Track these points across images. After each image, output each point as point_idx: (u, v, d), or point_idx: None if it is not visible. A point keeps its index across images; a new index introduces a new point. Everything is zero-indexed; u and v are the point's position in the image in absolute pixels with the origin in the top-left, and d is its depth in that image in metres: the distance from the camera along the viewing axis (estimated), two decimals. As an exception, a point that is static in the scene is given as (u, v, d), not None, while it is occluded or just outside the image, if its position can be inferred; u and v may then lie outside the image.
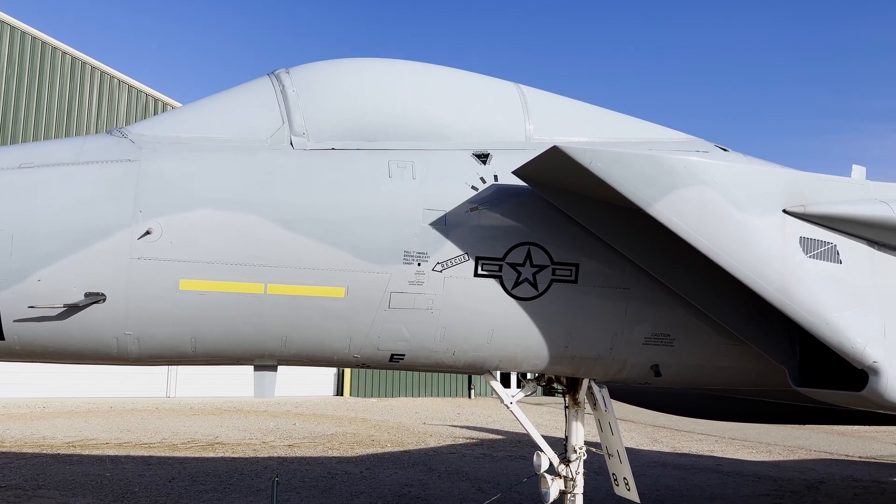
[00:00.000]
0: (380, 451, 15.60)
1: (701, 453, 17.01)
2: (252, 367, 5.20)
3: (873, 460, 16.57)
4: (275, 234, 4.57)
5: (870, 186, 5.48)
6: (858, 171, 6.40)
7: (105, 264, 4.30)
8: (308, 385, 31.31)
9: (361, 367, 5.43)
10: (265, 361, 5.06)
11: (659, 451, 17.10)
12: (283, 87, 5.05)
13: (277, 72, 5.21)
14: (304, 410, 25.19)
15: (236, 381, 26.01)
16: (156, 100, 30.17)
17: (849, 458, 16.79)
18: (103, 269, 4.29)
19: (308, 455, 14.68)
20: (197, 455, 14.36)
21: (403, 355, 5.12)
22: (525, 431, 5.83)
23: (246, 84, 5.24)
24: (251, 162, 4.69)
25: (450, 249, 4.94)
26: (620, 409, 12.13)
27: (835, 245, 5.10)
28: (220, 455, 14.44)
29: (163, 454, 14.30)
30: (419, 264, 4.87)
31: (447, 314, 5.02)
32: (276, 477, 7.70)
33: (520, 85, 5.80)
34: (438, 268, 4.92)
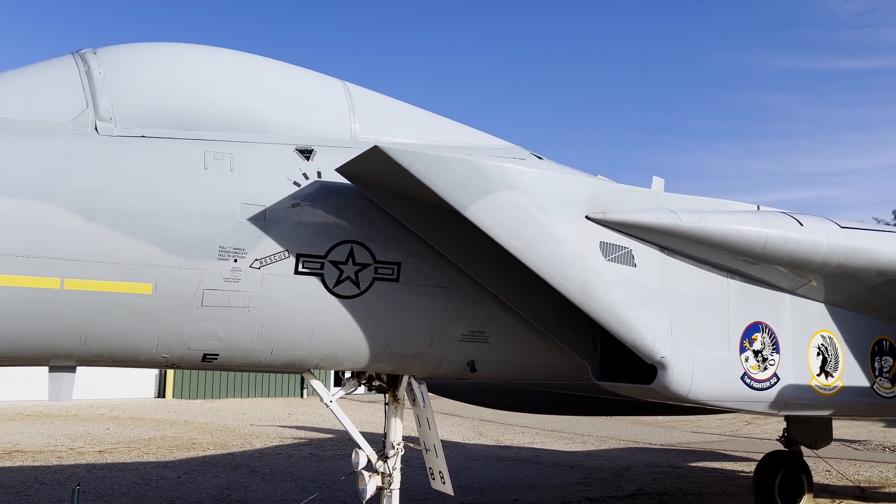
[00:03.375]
0: (201, 454, 14.95)
1: (522, 445, 17.83)
2: (47, 367, 4.82)
3: (672, 447, 18.17)
4: (74, 224, 4.26)
5: (662, 197, 6.02)
6: (658, 182, 6.99)
7: None
8: (126, 387, 29.37)
9: (172, 368, 5.21)
10: (62, 362, 4.72)
11: (483, 445, 17.73)
12: (89, 67, 4.73)
13: (83, 51, 4.87)
14: (120, 413, 23.61)
15: (43, 382, 23.86)
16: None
17: (652, 446, 18.29)
18: None
19: (120, 461, 13.79)
20: (-10, 465, 13.04)
21: (217, 355, 4.96)
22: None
23: (46, 62, 4.85)
24: (48, 147, 4.34)
25: (269, 246, 4.86)
26: (449, 404, 12.48)
27: (631, 250, 5.55)
28: (19, 464, 13.20)
29: (-52, 466, 12.85)
30: (235, 260, 4.74)
31: (265, 312, 4.93)
32: (78, 485, 7.17)
33: (347, 83, 5.80)
34: (256, 264, 4.82)
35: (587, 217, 5.35)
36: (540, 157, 6.32)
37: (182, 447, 15.94)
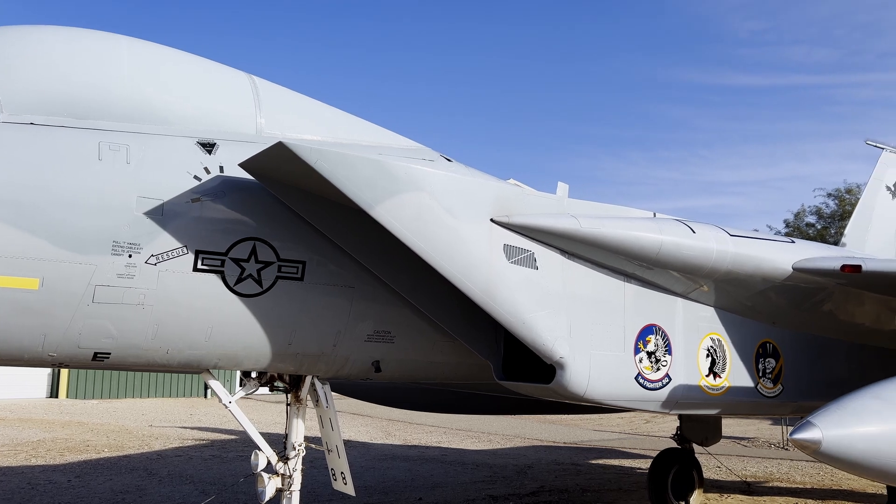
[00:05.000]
0: (95, 456, 14.31)
1: (429, 444, 17.92)
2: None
3: (574, 445, 18.68)
4: None
5: (565, 202, 6.18)
6: (562, 188, 7.12)
7: None
8: (15, 386, 27.81)
9: (59, 367, 4.97)
10: (-65, 360, 4.43)
11: (390, 444, 17.72)
12: (-27, 49, 4.45)
13: (-34, 31, 4.58)
14: (7, 414, 22.29)
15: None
16: None
17: (555, 444, 18.74)
18: None
19: (5, 465, 13.03)
20: None
21: (109, 354, 4.77)
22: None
23: (-76, 41, 4.54)
24: None
25: (166, 241, 4.70)
26: (357, 404, 12.33)
27: (533, 253, 5.68)
28: None
29: None
30: (130, 256, 4.57)
31: (161, 310, 4.77)
32: (-46, 492, 6.73)
33: (253, 76, 5.68)
34: (153, 260, 4.66)
35: (492, 220, 5.44)
36: (449, 160, 6.37)
37: (74, 449, 15.21)
